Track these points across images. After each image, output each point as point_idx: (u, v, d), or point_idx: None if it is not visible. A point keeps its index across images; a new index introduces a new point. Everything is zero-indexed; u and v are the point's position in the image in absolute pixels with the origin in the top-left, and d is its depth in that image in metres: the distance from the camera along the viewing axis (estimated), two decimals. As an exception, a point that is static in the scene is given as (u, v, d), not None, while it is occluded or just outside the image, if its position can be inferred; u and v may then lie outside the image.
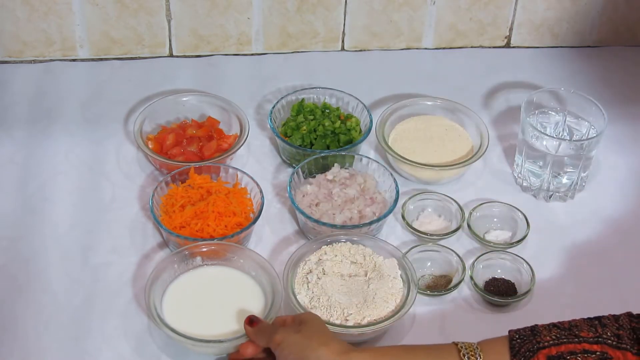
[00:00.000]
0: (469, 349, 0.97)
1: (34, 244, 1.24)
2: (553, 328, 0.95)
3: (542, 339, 0.94)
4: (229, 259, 1.18)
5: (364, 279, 1.16)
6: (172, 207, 1.23)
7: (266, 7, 1.53)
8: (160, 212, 1.23)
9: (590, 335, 0.94)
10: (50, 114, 1.44)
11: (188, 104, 1.42)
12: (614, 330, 0.94)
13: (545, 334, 0.95)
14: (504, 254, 1.23)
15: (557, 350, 0.93)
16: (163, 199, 1.25)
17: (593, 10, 1.60)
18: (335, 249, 1.19)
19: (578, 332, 0.94)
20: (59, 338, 1.13)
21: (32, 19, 1.49)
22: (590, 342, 0.93)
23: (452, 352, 0.98)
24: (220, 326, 1.11)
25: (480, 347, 0.98)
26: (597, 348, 0.93)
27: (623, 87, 1.56)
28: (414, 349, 1.00)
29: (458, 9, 1.57)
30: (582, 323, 0.95)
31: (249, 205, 1.24)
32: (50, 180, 1.33)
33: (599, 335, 0.94)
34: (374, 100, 1.50)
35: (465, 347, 0.97)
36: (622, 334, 0.93)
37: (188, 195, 1.24)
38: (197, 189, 1.25)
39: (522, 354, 0.94)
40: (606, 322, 0.95)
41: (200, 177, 1.26)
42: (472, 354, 0.96)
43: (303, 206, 1.26)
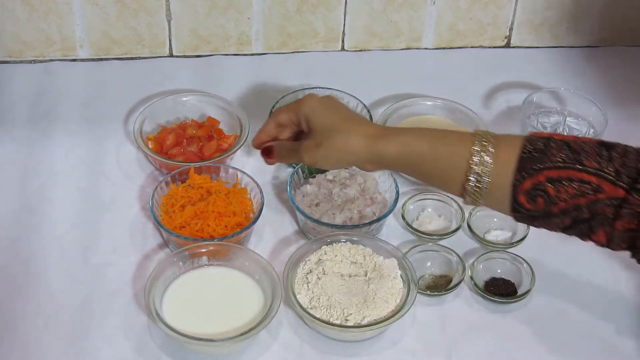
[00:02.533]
0: (484, 144, 0.98)
1: (33, 244, 1.24)
2: (564, 147, 0.96)
3: (549, 159, 0.95)
4: (229, 259, 1.18)
5: (364, 279, 1.16)
6: (172, 207, 1.23)
7: (266, 7, 1.53)
8: (161, 212, 1.23)
9: (592, 166, 0.95)
10: (50, 114, 1.44)
11: (188, 104, 1.42)
12: (617, 166, 0.95)
13: (555, 153, 0.96)
14: (504, 254, 1.24)
15: (558, 173, 0.95)
16: (163, 199, 1.25)
17: (593, 10, 1.60)
18: (335, 249, 1.19)
19: (583, 158, 0.95)
20: (59, 338, 1.13)
21: (32, 19, 1.49)
22: (590, 173, 0.95)
23: (467, 142, 0.99)
24: (220, 326, 1.11)
25: (495, 144, 0.98)
26: (594, 180, 0.95)
27: (623, 87, 1.56)
28: (436, 140, 1.02)
29: (458, 9, 1.57)
30: (592, 149, 0.96)
31: (249, 205, 1.24)
32: (50, 180, 1.33)
33: (601, 169, 0.95)
34: (374, 100, 1.50)
35: (480, 142, 0.98)
36: (622, 170, 0.94)
37: (188, 195, 1.24)
38: (197, 189, 1.25)
39: (527, 170, 0.96)
40: (614, 155, 0.95)
41: (200, 177, 1.26)
42: (484, 150, 0.98)
43: (303, 206, 1.26)
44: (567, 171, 0.95)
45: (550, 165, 0.96)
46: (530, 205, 0.97)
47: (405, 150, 1.02)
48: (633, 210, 0.94)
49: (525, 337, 1.16)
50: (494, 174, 0.98)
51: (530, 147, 0.97)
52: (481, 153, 0.98)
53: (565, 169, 0.95)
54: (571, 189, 0.95)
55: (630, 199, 0.94)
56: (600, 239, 0.97)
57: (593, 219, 0.96)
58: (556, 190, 0.95)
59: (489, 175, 0.98)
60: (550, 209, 0.96)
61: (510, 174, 0.97)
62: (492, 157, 0.97)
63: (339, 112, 1.08)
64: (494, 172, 0.98)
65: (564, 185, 0.95)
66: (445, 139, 1.02)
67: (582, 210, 0.96)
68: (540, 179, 0.96)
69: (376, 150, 1.03)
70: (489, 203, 1.01)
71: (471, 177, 0.98)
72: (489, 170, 0.98)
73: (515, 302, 1.19)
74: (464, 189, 0.99)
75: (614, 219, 0.95)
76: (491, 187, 0.98)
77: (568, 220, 0.97)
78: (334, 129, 1.05)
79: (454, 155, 0.99)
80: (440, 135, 1.03)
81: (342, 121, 1.06)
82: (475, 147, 0.98)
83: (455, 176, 0.99)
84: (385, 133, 1.04)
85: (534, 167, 0.96)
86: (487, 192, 0.99)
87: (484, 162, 0.97)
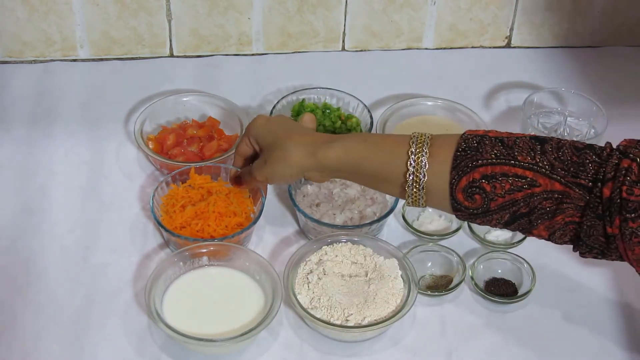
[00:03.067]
0: (419, 145, 1.00)
1: (33, 244, 1.24)
2: (497, 144, 0.98)
3: (482, 157, 0.97)
4: (230, 259, 1.17)
5: (365, 279, 1.16)
6: (172, 207, 1.23)
7: (266, 7, 1.53)
8: (161, 212, 1.23)
9: (526, 160, 0.96)
10: (50, 114, 1.44)
11: (188, 104, 1.42)
12: (551, 160, 0.96)
13: (489, 150, 0.97)
14: (505, 254, 1.23)
15: (492, 169, 0.96)
16: (163, 199, 1.25)
17: (593, 10, 1.60)
18: (336, 249, 1.19)
19: (517, 154, 0.96)
20: (59, 338, 1.13)
21: (32, 19, 1.49)
22: (524, 168, 0.96)
23: (404, 145, 1.01)
24: (220, 326, 1.11)
25: (431, 144, 1.00)
26: (528, 174, 0.96)
27: (623, 87, 1.56)
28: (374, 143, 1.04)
29: (458, 9, 1.57)
30: (525, 144, 0.97)
31: (249, 205, 1.24)
32: (50, 180, 1.33)
33: (535, 164, 0.96)
34: (374, 100, 1.50)
35: (416, 143, 1.00)
36: (556, 164, 0.95)
37: (189, 195, 1.24)
38: (198, 189, 1.25)
39: (461, 168, 0.97)
40: (548, 148, 0.97)
41: (200, 177, 1.26)
42: (419, 152, 1.00)
43: (304, 206, 1.26)
44: (502, 167, 0.96)
45: (484, 162, 0.97)
46: (469, 203, 0.98)
47: (346, 156, 1.05)
48: (574, 204, 0.95)
49: (525, 337, 1.16)
50: (431, 174, 0.99)
51: (464, 145, 0.98)
52: (417, 154, 1.00)
53: (500, 164, 0.97)
54: (507, 185, 0.96)
55: (570, 192, 0.95)
56: (541, 233, 0.99)
57: (532, 214, 0.97)
58: (492, 186, 0.97)
59: (426, 176, 0.99)
60: (489, 206, 0.98)
61: (446, 173, 0.98)
62: (428, 157, 0.99)
63: (282, 127, 1.13)
64: (430, 172, 0.99)
65: (499, 181, 0.96)
66: (383, 142, 1.04)
67: (519, 205, 0.97)
68: (475, 176, 0.97)
69: (317, 158, 1.06)
70: (431, 204, 1.02)
71: (409, 179, 1.00)
72: (424, 170, 0.99)
73: (516, 302, 1.19)
74: (404, 190, 1.01)
75: (554, 212, 0.96)
76: (429, 187, 1.00)
77: (507, 215, 0.98)
78: (276, 144, 1.10)
79: (391, 157, 1.01)
80: (379, 139, 1.05)
81: (283, 135, 1.10)
82: (412, 149, 1.00)
83: (394, 179, 1.02)
84: (325, 140, 1.07)
85: (469, 165, 0.97)
86: (426, 193, 1.00)
87: (419, 163, 0.99)
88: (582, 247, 0.97)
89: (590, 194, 0.94)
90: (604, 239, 0.95)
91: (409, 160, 1.00)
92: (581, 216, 0.95)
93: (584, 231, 0.95)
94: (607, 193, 0.93)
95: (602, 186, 0.93)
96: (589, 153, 0.96)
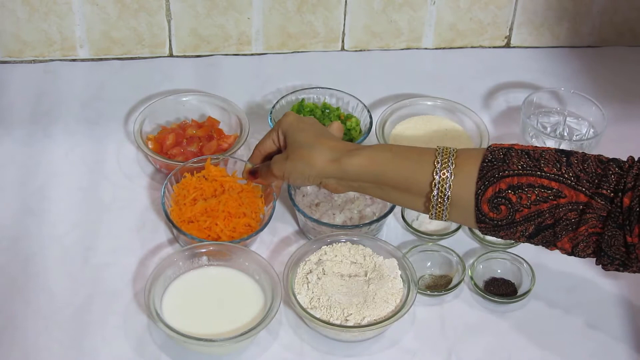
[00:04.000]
0: (445, 156, 1.01)
1: (33, 244, 1.24)
2: (524, 156, 0.99)
3: (509, 167, 0.98)
4: (229, 259, 1.18)
5: (364, 279, 1.16)
6: (183, 199, 1.22)
7: (266, 7, 1.53)
8: (172, 202, 1.23)
9: (552, 172, 0.97)
10: (50, 114, 1.44)
11: (188, 104, 1.42)
12: (577, 172, 0.97)
13: (515, 161, 0.98)
14: (504, 254, 1.24)
15: (519, 180, 0.97)
16: (175, 188, 1.24)
17: (593, 10, 1.60)
18: (335, 249, 1.19)
19: (543, 165, 0.97)
20: (59, 338, 1.13)
21: (32, 19, 1.49)
22: (550, 179, 0.97)
23: (430, 156, 1.01)
24: (220, 326, 1.11)
25: (457, 155, 1.01)
26: (554, 185, 0.97)
27: (623, 87, 1.56)
28: (400, 153, 1.05)
29: (458, 9, 1.57)
30: (551, 157, 0.98)
31: (260, 206, 1.24)
32: (50, 180, 1.33)
33: (561, 175, 0.97)
34: (374, 100, 1.50)
35: (442, 154, 1.01)
36: (582, 176, 0.96)
37: (201, 187, 1.24)
38: (212, 181, 1.25)
39: (487, 179, 0.98)
40: (574, 161, 0.98)
41: (215, 169, 1.25)
42: (445, 162, 1.00)
43: (303, 206, 1.26)
44: (528, 177, 0.97)
45: (510, 172, 0.97)
46: (494, 214, 0.99)
47: (370, 164, 1.05)
48: (597, 214, 0.95)
49: (525, 337, 1.16)
50: (456, 186, 1.00)
51: (490, 157, 0.99)
52: (443, 164, 1.00)
53: (526, 175, 0.97)
54: (532, 195, 0.97)
55: (593, 203, 0.95)
56: (565, 245, 0.99)
57: (556, 225, 0.97)
58: (518, 197, 0.97)
59: (451, 187, 1.00)
60: (514, 217, 0.98)
61: (472, 185, 0.99)
62: (454, 169, 1.00)
63: (313, 129, 1.12)
64: (456, 182, 1.00)
65: (525, 191, 0.97)
66: (409, 153, 1.04)
67: (544, 216, 0.97)
68: (501, 187, 0.98)
69: (340, 164, 1.06)
70: (454, 216, 1.02)
71: (434, 189, 1.00)
72: (450, 181, 1.00)
73: (515, 302, 1.19)
74: (428, 200, 1.01)
75: (578, 224, 0.96)
76: (454, 199, 1.00)
77: (532, 227, 0.98)
78: (303, 143, 1.10)
79: (417, 167, 1.02)
80: (404, 150, 1.05)
81: (312, 137, 1.10)
82: (438, 159, 1.01)
83: (419, 189, 1.02)
84: (350, 148, 1.07)
85: (495, 175, 0.98)
86: (450, 205, 1.01)
87: (445, 174, 1.00)
88: (604, 259, 0.98)
89: (612, 204, 0.94)
90: (624, 248, 0.95)
91: (435, 170, 1.00)
92: (603, 227, 0.95)
93: (606, 241, 0.96)
94: (627, 202, 0.93)
95: (622, 196, 0.94)
96: (612, 165, 0.96)
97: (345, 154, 1.06)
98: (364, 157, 1.05)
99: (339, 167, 1.06)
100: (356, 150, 1.07)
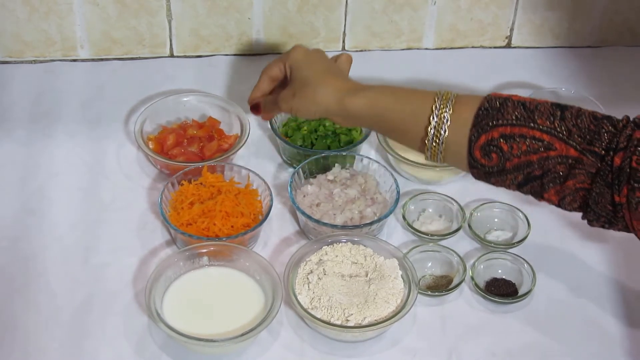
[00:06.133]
0: (444, 101, 1.03)
1: (33, 244, 1.24)
2: (519, 106, 1.00)
3: (503, 117, 0.99)
4: (230, 259, 1.17)
5: (365, 280, 1.16)
6: (181, 204, 1.23)
7: (267, 7, 1.53)
8: (169, 208, 1.23)
9: (545, 124, 0.98)
10: (50, 114, 1.44)
11: (188, 104, 1.42)
12: (569, 126, 0.98)
13: (510, 111, 0.99)
14: (505, 254, 1.23)
15: (512, 130, 0.99)
16: (173, 195, 1.25)
17: (594, 10, 1.60)
18: (336, 250, 1.19)
19: (537, 117, 0.99)
20: (59, 338, 1.13)
21: (32, 19, 1.49)
22: (542, 131, 0.98)
23: (429, 101, 1.03)
24: (221, 326, 1.11)
25: (455, 101, 1.03)
26: (546, 138, 0.98)
27: (623, 87, 1.56)
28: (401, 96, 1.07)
29: (458, 9, 1.57)
30: (546, 109, 0.99)
31: (258, 207, 1.24)
32: (50, 180, 1.33)
33: (553, 128, 0.98)
34: (375, 100, 1.50)
35: (441, 99, 1.03)
36: (574, 130, 0.97)
37: (199, 192, 1.24)
38: (209, 187, 1.25)
39: (481, 126, 1.00)
40: (567, 115, 0.99)
41: (212, 176, 1.26)
42: (443, 107, 1.02)
43: (304, 206, 1.26)
44: (521, 128, 0.99)
45: (504, 122, 0.99)
46: (485, 161, 1.01)
47: (372, 105, 1.08)
48: (586, 170, 0.97)
49: (525, 337, 1.16)
50: (452, 130, 1.02)
51: (486, 105, 1.01)
52: (441, 109, 1.02)
53: (519, 126, 0.99)
54: (523, 146, 0.98)
55: (584, 159, 0.96)
56: (552, 197, 1.00)
57: (544, 177, 0.99)
58: (509, 146, 0.99)
59: (447, 131, 1.02)
60: (504, 165, 1.00)
61: (467, 130, 1.01)
62: (451, 114, 1.02)
63: (319, 65, 1.16)
64: (451, 127, 1.02)
65: (516, 141, 0.99)
66: (409, 96, 1.07)
67: (533, 167, 0.99)
68: (494, 135, 0.99)
69: (344, 104, 1.09)
70: (448, 159, 1.04)
71: (430, 132, 1.02)
72: (446, 126, 1.02)
73: (516, 302, 1.19)
74: (424, 143, 1.04)
75: (566, 177, 0.98)
76: (449, 142, 1.02)
77: (520, 176, 1.00)
78: (309, 80, 1.13)
79: (416, 111, 1.04)
80: (405, 92, 1.08)
81: (318, 74, 1.13)
82: (436, 104, 1.03)
83: (416, 131, 1.04)
84: (354, 88, 1.11)
85: (489, 124, 1.00)
86: (445, 148, 1.03)
87: (442, 119, 1.02)
88: (590, 214, 0.99)
89: (602, 162, 0.96)
90: (611, 207, 0.97)
91: (432, 115, 1.02)
92: (591, 183, 0.97)
93: (593, 198, 0.97)
94: (617, 162, 0.94)
95: (614, 155, 0.95)
96: (606, 123, 0.97)
97: (348, 94, 1.10)
98: (367, 98, 1.08)
99: (342, 107, 1.09)
100: (360, 90, 1.10)
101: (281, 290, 1.13)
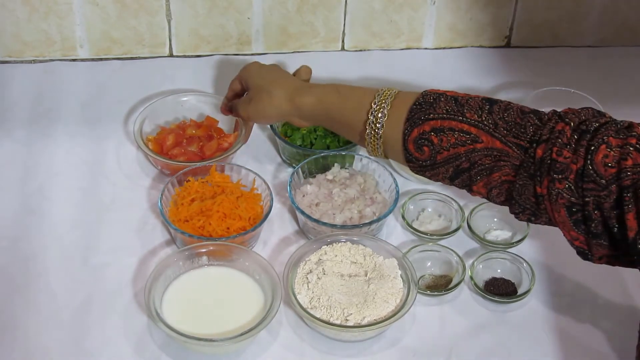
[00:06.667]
0: (383, 98, 1.08)
1: (33, 244, 1.24)
2: (451, 101, 1.04)
3: (435, 111, 1.03)
4: (230, 259, 1.18)
5: (364, 279, 1.16)
6: (182, 200, 1.23)
7: (266, 7, 1.53)
8: (170, 203, 1.23)
9: (473, 118, 1.01)
10: (50, 114, 1.44)
11: (188, 104, 1.42)
12: (496, 119, 1.00)
13: (442, 106, 1.03)
14: (504, 253, 1.24)
15: (442, 123, 1.02)
16: (177, 191, 1.25)
17: (593, 10, 1.60)
18: (336, 249, 1.19)
19: (466, 111, 1.02)
20: (59, 338, 1.13)
21: (32, 19, 1.49)
22: (470, 124, 1.01)
23: (370, 97, 1.09)
24: (220, 326, 1.11)
25: (395, 97, 1.08)
26: (473, 130, 1.01)
27: (623, 87, 1.56)
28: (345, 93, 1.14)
29: (458, 9, 1.57)
30: (476, 104, 1.03)
31: (258, 211, 1.24)
32: (50, 180, 1.33)
33: (480, 121, 1.01)
34: (374, 100, 1.50)
35: (380, 96, 1.08)
36: (500, 124, 1.00)
37: (202, 190, 1.24)
38: (214, 186, 1.25)
39: (414, 120, 1.04)
40: (495, 109, 1.02)
41: (219, 176, 1.26)
42: (381, 103, 1.07)
43: (303, 206, 1.26)
44: (450, 122, 1.02)
45: (435, 116, 1.03)
46: (419, 154, 1.04)
47: (319, 101, 1.15)
48: (510, 163, 0.99)
49: (525, 337, 1.16)
50: (388, 126, 1.06)
51: (421, 100, 1.05)
52: (379, 105, 1.07)
53: (449, 119, 1.02)
54: (452, 138, 1.02)
55: (508, 151, 0.99)
56: (480, 190, 1.03)
57: (472, 169, 1.01)
58: (439, 139, 1.02)
59: (383, 126, 1.06)
60: (435, 158, 1.03)
61: (401, 125, 1.05)
62: (389, 110, 1.06)
63: (273, 73, 1.25)
64: (388, 123, 1.06)
65: (446, 134, 1.02)
66: (352, 93, 1.13)
67: (461, 159, 1.02)
68: (425, 129, 1.03)
69: (295, 102, 1.17)
70: (388, 153, 1.09)
71: (368, 127, 1.08)
72: (383, 121, 1.06)
73: (515, 302, 1.19)
74: (363, 138, 1.09)
75: (492, 169, 1.00)
76: (386, 137, 1.07)
77: (451, 169, 1.03)
78: (264, 86, 1.22)
79: (356, 107, 1.10)
80: (349, 89, 1.14)
81: (271, 80, 1.22)
82: (375, 100, 1.07)
83: (357, 127, 1.10)
84: (304, 86, 1.19)
85: (422, 117, 1.03)
86: (383, 143, 1.07)
87: (379, 116, 1.06)
88: (515, 207, 1.01)
89: (526, 154, 0.98)
90: (534, 199, 0.99)
91: (370, 110, 1.07)
92: (515, 175, 0.99)
93: (517, 190, 0.99)
94: (539, 153, 0.96)
95: (536, 147, 0.97)
96: (532, 116, 1.00)
97: (298, 93, 1.17)
98: (314, 95, 1.16)
99: (295, 106, 1.17)
100: (307, 89, 1.18)
101: (280, 290, 1.13)
